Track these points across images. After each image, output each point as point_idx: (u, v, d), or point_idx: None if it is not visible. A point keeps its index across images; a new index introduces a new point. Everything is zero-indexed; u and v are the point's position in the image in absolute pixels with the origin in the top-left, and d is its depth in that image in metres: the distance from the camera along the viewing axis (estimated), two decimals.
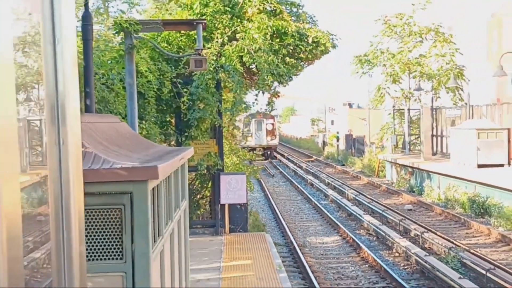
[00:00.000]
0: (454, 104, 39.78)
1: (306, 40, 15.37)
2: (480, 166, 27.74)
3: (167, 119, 15.82)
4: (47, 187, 1.73)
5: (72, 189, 1.77)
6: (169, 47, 15.11)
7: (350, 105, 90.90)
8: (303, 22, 16.04)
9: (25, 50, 1.68)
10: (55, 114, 1.66)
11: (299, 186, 36.93)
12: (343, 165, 51.97)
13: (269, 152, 60.35)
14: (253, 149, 53.51)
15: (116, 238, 4.32)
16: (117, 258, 4.31)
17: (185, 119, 15.24)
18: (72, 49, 1.75)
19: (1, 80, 1.22)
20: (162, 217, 5.04)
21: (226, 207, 15.90)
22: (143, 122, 12.76)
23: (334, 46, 16.13)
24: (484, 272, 14.56)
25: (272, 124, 62.04)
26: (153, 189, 4.53)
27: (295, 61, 15.55)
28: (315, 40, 15.45)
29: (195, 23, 12.88)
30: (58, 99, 1.68)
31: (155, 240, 4.60)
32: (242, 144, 37.27)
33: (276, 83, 16.24)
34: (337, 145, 62.89)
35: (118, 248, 4.31)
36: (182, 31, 15.22)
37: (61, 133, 1.70)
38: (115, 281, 4.28)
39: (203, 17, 14.59)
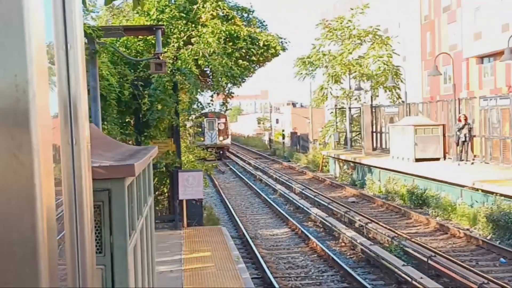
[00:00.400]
0: (391, 102, 40.56)
1: (257, 43, 15.48)
2: (417, 160, 28.34)
3: (127, 120, 15.69)
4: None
5: (84, 184, 1.79)
6: (127, 51, 15.00)
7: (294, 105, 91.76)
8: (254, 27, 16.13)
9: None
10: (68, 115, 1.67)
11: (248, 181, 37.04)
12: (289, 161, 52.38)
13: (221, 152, 55.73)
14: (205, 149, 50.73)
15: (95, 233, 4.29)
16: (96, 252, 4.29)
17: (144, 120, 15.17)
18: (82, 55, 1.77)
19: (40, 83, 1.23)
20: (135, 212, 5.04)
21: (184, 202, 15.89)
22: (105, 123, 12.63)
23: (283, 49, 16.26)
24: (425, 259, 14.89)
25: (224, 123, 58.08)
26: (128, 186, 4.54)
27: (248, 63, 15.64)
28: (266, 43, 15.58)
29: (154, 29, 12.87)
30: (70, 102, 1.70)
31: (130, 234, 4.60)
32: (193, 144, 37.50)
33: (230, 85, 16.31)
34: (283, 142, 63.30)
35: (98, 243, 4.29)
36: (140, 36, 15.14)
37: (74, 133, 1.71)
38: (95, 274, 4.26)
39: (160, 23, 14.55)
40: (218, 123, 56.28)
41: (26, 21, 1.12)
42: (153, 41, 13.51)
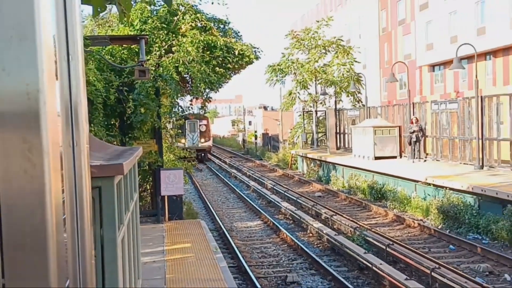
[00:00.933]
0: (353, 106, 40.84)
1: (233, 52, 15.48)
2: (376, 158, 28.59)
3: (112, 122, 15.55)
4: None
5: (84, 183, 1.80)
6: (112, 59, 14.88)
7: (265, 108, 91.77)
8: (230, 37, 16.13)
9: None
10: (70, 120, 1.68)
11: (224, 178, 36.96)
12: (261, 159, 52.41)
13: (203, 154, 51.38)
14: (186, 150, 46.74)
15: None
16: None
17: (128, 122, 15.05)
18: (82, 65, 1.78)
19: (49, 92, 1.24)
20: (123, 207, 5.02)
21: (166, 198, 15.81)
22: (92, 125, 12.51)
23: (257, 58, 16.30)
24: (384, 247, 15.04)
25: (206, 125, 52.58)
26: (117, 183, 4.52)
27: (224, 70, 15.64)
28: (241, 52, 15.58)
29: (138, 38, 12.79)
30: (72, 107, 1.71)
31: (119, 228, 4.58)
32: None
33: (208, 90, 16.29)
34: (256, 143, 63.33)
35: None
36: (124, 45, 15.03)
37: (75, 136, 1.72)
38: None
39: (143, 33, 14.47)
40: (200, 125, 51.19)
41: (38, 36, 1.13)
42: (137, 50, 13.42)
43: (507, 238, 15.69)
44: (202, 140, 51.17)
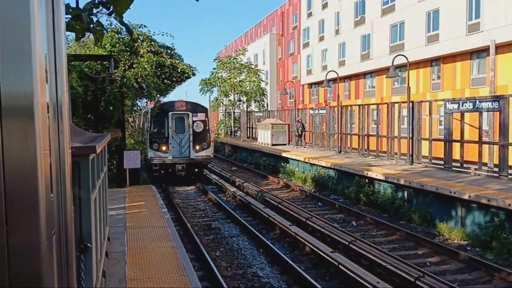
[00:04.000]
0: (259, 109, 41.29)
1: (176, 70, 15.15)
2: (273, 145, 29.04)
3: (89, 116, 14.82)
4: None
5: (67, 159, 1.74)
6: (90, 70, 14.15)
7: None
8: (175, 59, 15.76)
9: None
10: (56, 115, 1.62)
11: None
12: None
13: (196, 170, 21.22)
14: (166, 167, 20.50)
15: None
16: None
17: (101, 116, 14.41)
18: (66, 75, 1.70)
19: (41, 95, 1.19)
20: (95, 176, 4.82)
21: (127, 170, 15.29)
22: (74, 118, 11.87)
23: (194, 74, 16.02)
24: (276, 203, 15.30)
25: (203, 121, 20.61)
26: (91, 160, 4.33)
27: (170, 82, 15.27)
28: (182, 70, 15.27)
29: (109, 57, 12.31)
30: (58, 106, 1.64)
31: (92, 190, 4.40)
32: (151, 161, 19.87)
33: (159, 95, 15.90)
34: None
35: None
36: (98, 61, 14.34)
37: (60, 126, 1.66)
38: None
39: (112, 53, 13.87)
40: (194, 122, 20.32)
41: (33, 54, 1.08)
42: (108, 65, 12.85)
43: (354, 198, 16.41)
44: (197, 147, 20.68)
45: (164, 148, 19.62)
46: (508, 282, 8.57)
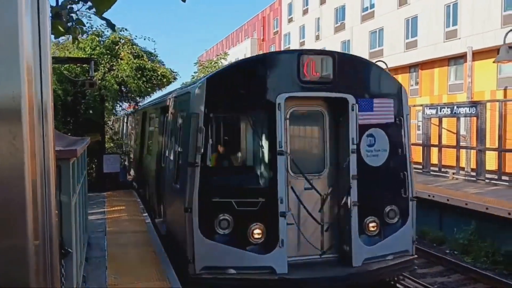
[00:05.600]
0: None
1: (157, 73, 15.05)
2: None
3: (69, 119, 14.50)
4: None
5: (51, 162, 1.74)
6: (69, 73, 13.87)
7: None
8: (156, 63, 15.63)
9: None
10: (41, 118, 1.62)
11: None
12: None
13: None
14: None
15: None
16: None
17: (80, 120, 14.15)
18: (51, 77, 1.70)
19: (29, 97, 1.20)
20: (76, 180, 4.75)
21: (107, 174, 15.02)
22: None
23: (175, 78, 15.92)
24: None
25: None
26: (72, 163, 4.27)
27: (151, 85, 15.14)
28: (163, 74, 15.20)
29: (89, 60, 12.13)
30: (43, 109, 1.65)
31: (72, 195, 4.33)
32: None
33: (138, 98, 15.77)
34: None
35: None
36: (78, 64, 14.08)
37: (44, 129, 1.67)
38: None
39: (92, 56, 13.67)
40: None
41: (21, 59, 1.09)
42: (88, 68, 12.68)
43: None
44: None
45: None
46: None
